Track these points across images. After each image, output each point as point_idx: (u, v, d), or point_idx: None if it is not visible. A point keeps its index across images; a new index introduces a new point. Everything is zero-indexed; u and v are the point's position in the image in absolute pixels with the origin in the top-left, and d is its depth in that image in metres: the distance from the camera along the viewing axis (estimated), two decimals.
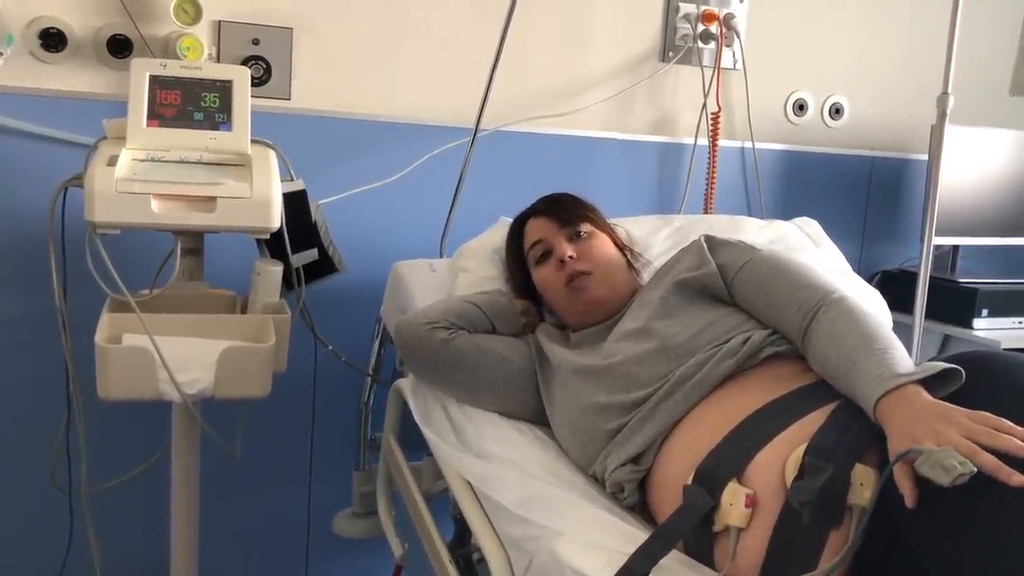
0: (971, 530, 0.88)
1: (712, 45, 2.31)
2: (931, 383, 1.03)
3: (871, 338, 1.12)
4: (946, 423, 0.94)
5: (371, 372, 1.98)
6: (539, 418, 1.47)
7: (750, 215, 2.35)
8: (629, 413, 1.27)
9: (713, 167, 2.32)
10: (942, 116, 2.16)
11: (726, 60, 2.34)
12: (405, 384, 1.69)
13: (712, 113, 2.31)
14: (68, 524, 1.86)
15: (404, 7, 2.05)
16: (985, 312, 2.31)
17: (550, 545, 1.10)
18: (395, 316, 1.75)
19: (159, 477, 1.71)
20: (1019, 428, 0.91)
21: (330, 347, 1.90)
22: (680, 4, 2.29)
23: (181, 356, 1.41)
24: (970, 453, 0.89)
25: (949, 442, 0.92)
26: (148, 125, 1.51)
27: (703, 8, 2.29)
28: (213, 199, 1.42)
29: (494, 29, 1.96)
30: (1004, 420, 0.93)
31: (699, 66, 2.32)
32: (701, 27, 2.30)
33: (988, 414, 0.94)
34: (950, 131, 2.18)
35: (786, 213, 2.18)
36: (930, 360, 1.09)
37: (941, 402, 0.99)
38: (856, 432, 1.04)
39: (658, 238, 1.86)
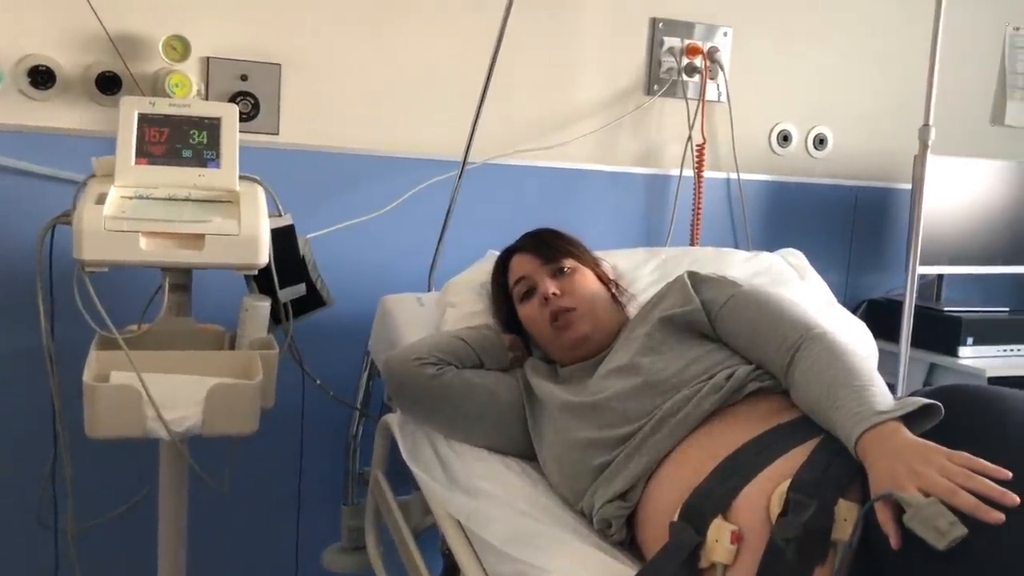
0: (952, 567, 0.89)
1: (696, 78, 2.34)
2: (911, 419, 1.04)
3: (852, 374, 1.13)
4: (925, 463, 0.95)
5: (359, 406, 1.98)
6: (528, 453, 1.47)
7: (736, 246, 2.38)
8: (616, 449, 1.27)
9: (699, 198, 2.34)
10: (924, 147, 2.19)
11: (710, 93, 2.37)
12: (392, 419, 1.69)
13: (697, 145, 2.33)
14: (54, 563, 1.85)
15: (392, 42, 2.07)
16: (970, 340, 2.33)
17: None
18: (383, 350, 1.75)
19: (146, 514, 1.70)
20: (994, 467, 0.92)
21: (318, 381, 1.90)
22: (664, 38, 2.32)
23: (169, 393, 1.40)
24: (949, 494, 0.91)
25: (928, 484, 0.93)
26: (137, 163, 1.51)
27: (687, 42, 2.33)
28: (201, 236, 1.42)
29: (481, 63, 1.98)
30: (981, 461, 0.94)
31: (684, 99, 2.34)
32: (685, 60, 2.33)
33: (966, 454, 0.95)
34: (932, 161, 2.21)
35: (772, 243, 2.20)
36: (912, 393, 1.10)
37: (920, 440, 1.00)
38: (839, 467, 1.05)
39: (644, 271, 1.87)
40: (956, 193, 2.43)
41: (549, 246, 1.59)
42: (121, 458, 1.88)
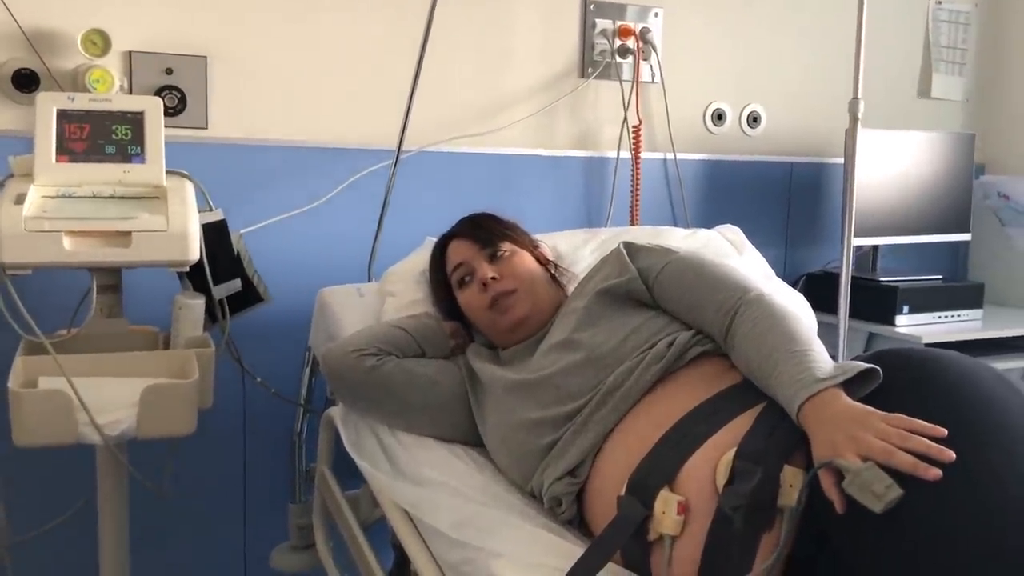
0: (894, 526, 0.90)
1: (630, 59, 2.34)
2: (850, 384, 1.04)
3: (791, 339, 1.13)
4: (863, 429, 0.96)
5: (302, 402, 1.95)
6: (473, 439, 1.46)
7: (675, 225, 2.39)
8: (562, 427, 1.27)
9: (637, 179, 2.35)
10: (854, 120, 2.23)
11: (644, 74, 2.37)
12: (336, 412, 1.67)
13: (633, 126, 2.34)
14: None
15: (321, 31, 2.03)
16: (906, 309, 2.37)
17: (488, 568, 1.09)
18: (324, 344, 1.73)
19: (86, 523, 1.65)
20: (930, 426, 0.94)
21: (258, 379, 1.87)
22: (597, 20, 2.31)
23: (101, 397, 1.36)
24: (886, 456, 0.92)
25: (865, 448, 0.94)
26: (57, 160, 1.47)
27: (619, 23, 2.33)
28: (128, 234, 1.39)
29: (412, 51, 1.96)
30: (917, 421, 0.95)
31: (618, 80, 2.34)
32: (618, 42, 2.33)
33: (902, 416, 0.96)
34: (863, 134, 2.24)
35: (710, 221, 2.21)
36: (852, 359, 1.11)
37: (858, 405, 1.01)
38: (783, 433, 1.05)
39: (584, 252, 1.87)
40: (887, 165, 2.48)
41: (485, 230, 1.58)
42: (58, 467, 1.82)
